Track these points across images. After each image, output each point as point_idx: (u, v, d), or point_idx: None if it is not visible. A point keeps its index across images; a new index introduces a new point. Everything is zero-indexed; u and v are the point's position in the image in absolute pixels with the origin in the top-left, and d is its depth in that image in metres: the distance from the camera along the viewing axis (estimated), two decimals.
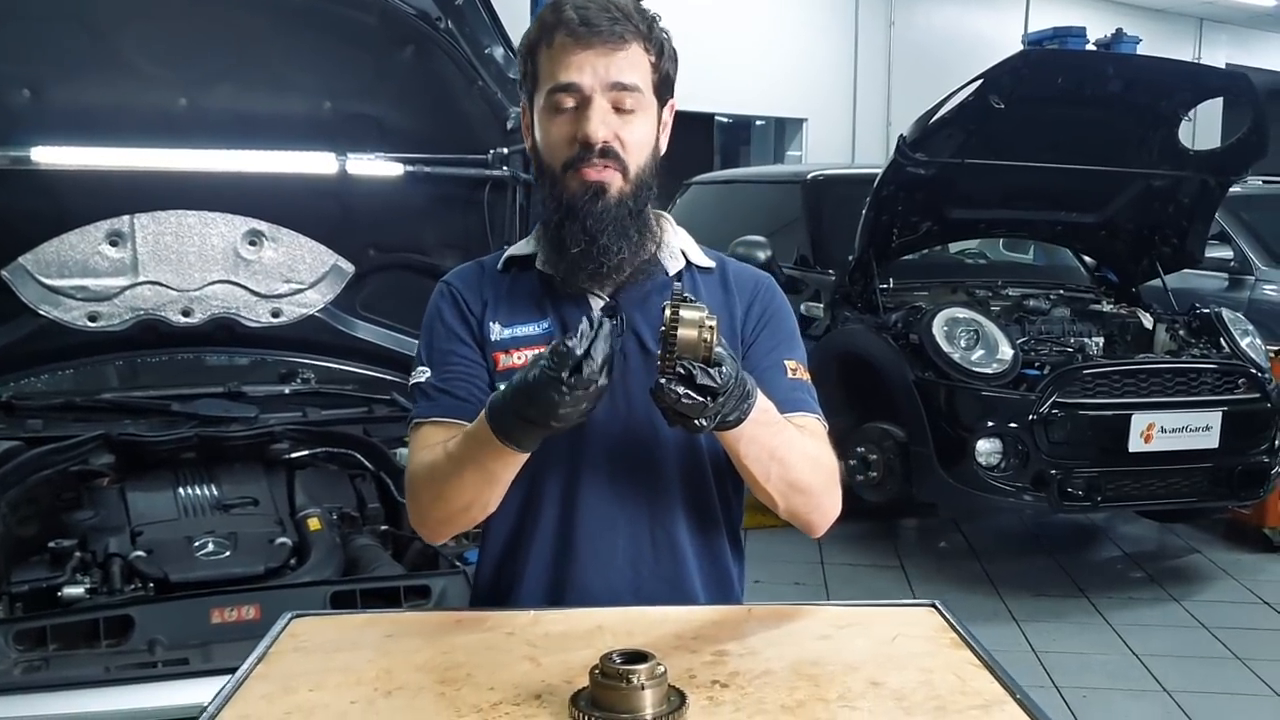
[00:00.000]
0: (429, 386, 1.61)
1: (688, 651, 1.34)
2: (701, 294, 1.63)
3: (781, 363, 1.63)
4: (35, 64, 2.78)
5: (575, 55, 1.51)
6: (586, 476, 1.59)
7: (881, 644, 1.39)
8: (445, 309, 1.66)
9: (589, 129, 1.52)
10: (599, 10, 1.51)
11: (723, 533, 1.67)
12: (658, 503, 1.61)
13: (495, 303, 1.65)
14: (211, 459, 2.97)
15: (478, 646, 1.39)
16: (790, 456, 1.51)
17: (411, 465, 1.60)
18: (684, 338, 1.31)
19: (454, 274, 1.72)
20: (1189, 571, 5.25)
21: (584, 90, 1.52)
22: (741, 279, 1.70)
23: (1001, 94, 4.62)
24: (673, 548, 1.62)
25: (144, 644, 2.19)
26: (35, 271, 3.00)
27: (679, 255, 1.67)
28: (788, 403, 1.57)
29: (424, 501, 1.58)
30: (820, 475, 1.57)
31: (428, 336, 1.67)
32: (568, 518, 1.61)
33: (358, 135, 3.07)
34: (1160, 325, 5.30)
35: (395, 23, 2.86)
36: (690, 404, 1.32)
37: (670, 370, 1.31)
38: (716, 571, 1.66)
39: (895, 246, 5.32)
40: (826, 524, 1.61)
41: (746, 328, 1.65)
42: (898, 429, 4.92)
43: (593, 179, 1.54)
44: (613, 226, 1.54)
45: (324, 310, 3.28)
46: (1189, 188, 5.46)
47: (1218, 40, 16.86)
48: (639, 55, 1.54)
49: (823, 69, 13.03)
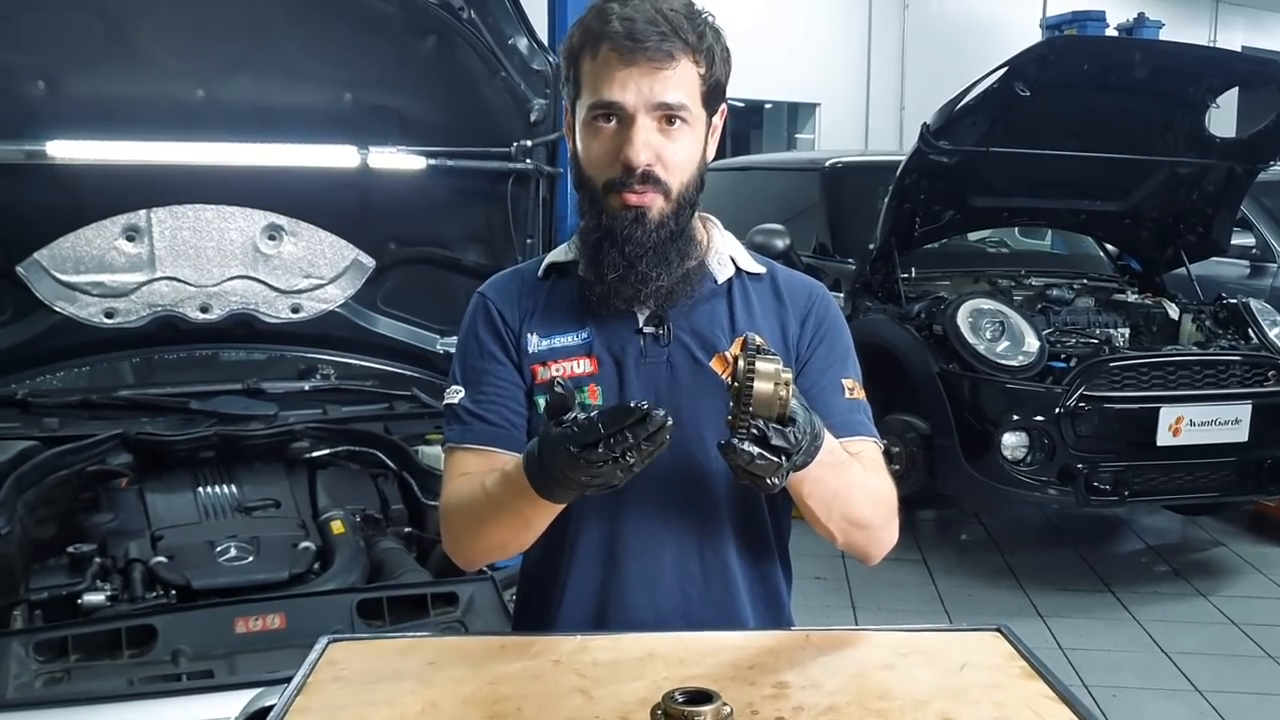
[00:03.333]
0: (463, 409, 1.56)
1: (746, 684, 1.28)
2: (753, 302, 1.57)
3: (839, 382, 1.56)
4: (50, 56, 2.70)
5: (619, 72, 1.44)
6: (632, 494, 1.52)
7: (949, 674, 1.33)
8: (480, 324, 1.61)
9: (630, 153, 1.45)
10: (646, 23, 1.43)
11: (773, 553, 1.62)
12: (706, 523, 1.55)
13: (533, 312, 1.60)
14: (231, 458, 2.90)
15: (524, 676, 1.33)
16: (852, 494, 1.46)
17: (446, 492, 1.57)
18: (760, 392, 1.24)
19: (489, 284, 1.66)
20: (1215, 565, 5.19)
21: (627, 109, 1.45)
22: (794, 288, 1.63)
23: (1027, 81, 4.55)
24: (723, 570, 1.56)
25: (167, 655, 2.13)
26: (51, 267, 2.92)
27: (728, 262, 1.61)
28: (845, 425, 1.51)
29: (458, 533, 1.55)
30: (881, 510, 1.52)
31: (462, 353, 1.62)
32: (613, 536, 1.55)
33: (378, 127, 2.99)
34: (1186, 315, 5.24)
35: (417, 12, 2.78)
36: (764, 465, 1.26)
37: (744, 428, 1.24)
38: (767, 594, 1.60)
39: (917, 236, 5.25)
40: (883, 554, 1.56)
41: (801, 342, 1.58)
42: (921, 421, 4.86)
43: (633, 203, 1.48)
44: (652, 252, 1.49)
45: (344, 305, 3.20)
46: (1215, 175, 5.40)
47: (1234, 23, 16.74)
48: (687, 70, 1.47)
49: (836, 53, 12.95)
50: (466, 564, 1.60)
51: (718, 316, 1.57)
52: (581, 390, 1.52)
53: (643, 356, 1.55)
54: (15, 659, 2.05)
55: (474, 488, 1.49)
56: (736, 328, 1.55)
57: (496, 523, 1.47)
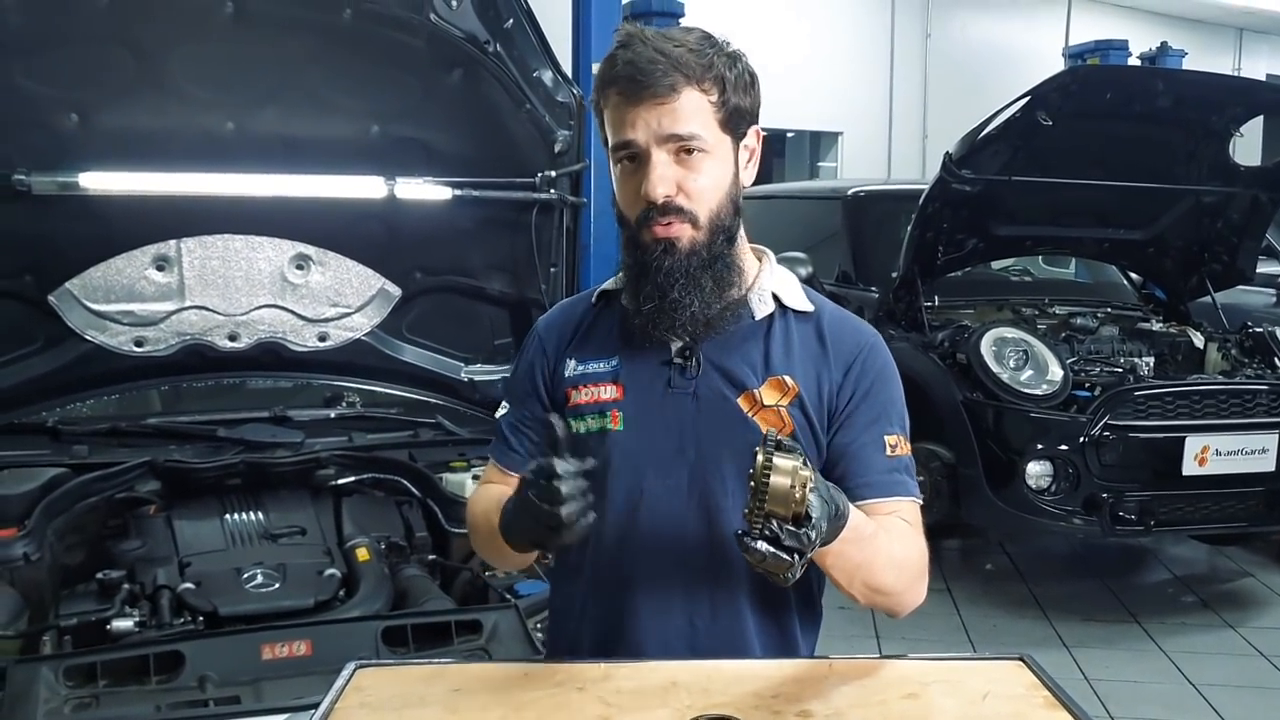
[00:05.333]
0: (503, 427, 1.70)
1: (770, 712, 1.29)
2: (794, 343, 1.57)
3: (881, 439, 1.55)
4: (83, 89, 2.75)
5: (627, 112, 1.49)
6: (647, 523, 1.54)
7: (971, 703, 1.33)
8: (526, 356, 1.71)
9: (648, 188, 1.49)
10: (647, 63, 1.46)
11: (787, 597, 1.58)
12: (718, 556, 1.54)
13: (577, 339, 1.65)
14: (258, 486, 2.93)
15: (548, 704, 1.34)
16: (876, 563, 1.46)
17: (471, 497, 1.74)
18: (776, 486, 1.24)
19: (546, 315, 1.77)
20: (1243, 596, 5.14)
21: (640, 146, 1.49)
22: (842, 337, 1.60)
23: (1050, 110, 4.56)
24: (732, 603, 1.56)
25: (194, 681, 2.15)
26: (82, 296, 2.97)
27: (769, 299, 1.60)
28: (882, 485, 1.52)
29: (472, 539, 1.76)
30: (905, 577, 1.52)
31: (513, 374, 1.76)
32: (626, 565, 1.56)
33: (405, 158, 3.03)
34: (1212, 344, 5.21)
35: (443, 46, 2.82)
36: (776, 563, 1.27)
37: (757, 525, 1.26)
38: (779, 632, 1.59)
39: (941, 264, 5.26)
40: (906, 613, 1.57)
41: (842, 395, 1.56)
42: (945, 450, 4.84)
43: (661, 235, 1.51)
44: (683, 280, 1.51)
45: (371, 334, 3.24)
46: (1240, 204, 5.37)
47: (1258, 51, 16.70)
48: (695, 100, 1.48)
49: (858, 82, 12.98)
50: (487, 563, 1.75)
51: (750, 355, 1.57)
52: (605, 415, 1.56)
53: (669, 387, 1.56)
54: (45, 684, 2.07)
55: (485, 506, 1.61)
56: (771, 368, 1.56)
57: (490, 543, 1.59)
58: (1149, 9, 14.78)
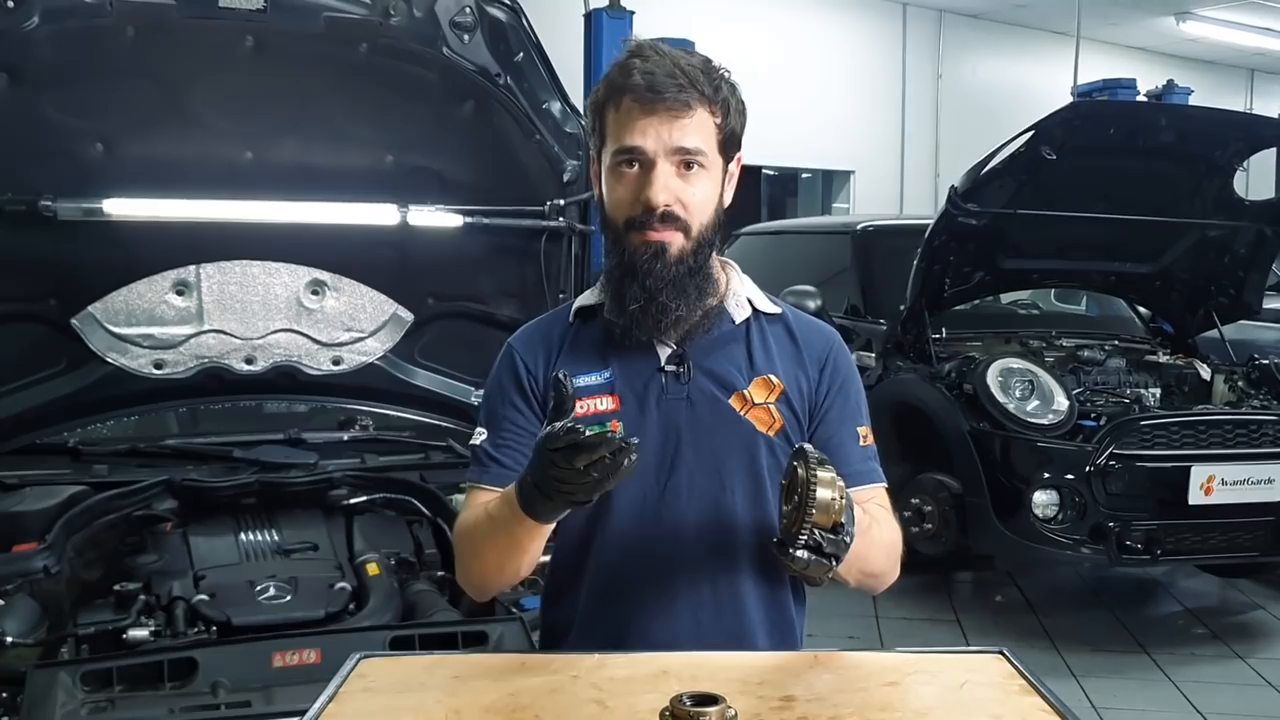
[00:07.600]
0: (483, 451, 1.66)
1: (754, 697, 1.34)
2: (770, 344, 1.66)
3: (855, 431, 1.66)
4: (108, 120, 2.85)
5: (640, 121, 1.55)
6: (650, 522, 1.61)
7: (950, 690, 1.38)
8: (504, 373, 1.70)
9: (651, 194, 1.56)
10: (665, 76, 1.54)
11: (785, 581, 1.67)
12: (721, 552, 1.62)
13: (560, 355, 1.68)
14: (272, 504, 3.00)
15: (543, 689, 1.39)
16: (870, 553, 1.54)
17: (457, 523, 1.68)
18: (822, 498, 1.33)
19: (517, 335, 1.76)
20: (1253, 628, 5.13)
21: (648, 154, 1.56)
22: (810, 335, 1.71)
23: (1053, 145, 4.63)
24: (735, 598, 1.63)
25: (207, 686, 2.21)
26: (104, 320, 3.06)
27: (745, 304, 1.69)
28: (860, 475, 1.61)
29: (464, 559, 1.67)
30: (891, 560, 1.63)
31: (487, 399, 1.73)
32: (629, 562, 1.62)
33: (418, 187, 3.12)
34: (1218, 376, 5.23)
35: (456, 78, 2.91)
36: (817, 568, 1.36)
37: (803, 535, 1.33)
38: (782, 621, 1.66)
39: (948, 296, 5.31)
40: (885, 588, 1.66)
41: (819, 391, 1.66)
42: (952, 480, 4.87)
43: (653, 240, 1.58)
44: (671, 285, 1.58)
45: (383, 358, 3.32)
46: (1245, 238, 5.42)
47: (1270, 91, 16.76)
48: (704, 118, 1.58)
49: (870, 121, 13.09)
50: (474, 591, 1.69)
51: (735, 357, 1.66)
52: (604, 427, 1.58)
53: (664, 394, 1.63)
54: (63, 688, 2.13)
55: (479, 514, 1.60)
56: (755, 368, 1.65)
57: (493, 543, 1.57)
58: (1160, 50, 14.89)
